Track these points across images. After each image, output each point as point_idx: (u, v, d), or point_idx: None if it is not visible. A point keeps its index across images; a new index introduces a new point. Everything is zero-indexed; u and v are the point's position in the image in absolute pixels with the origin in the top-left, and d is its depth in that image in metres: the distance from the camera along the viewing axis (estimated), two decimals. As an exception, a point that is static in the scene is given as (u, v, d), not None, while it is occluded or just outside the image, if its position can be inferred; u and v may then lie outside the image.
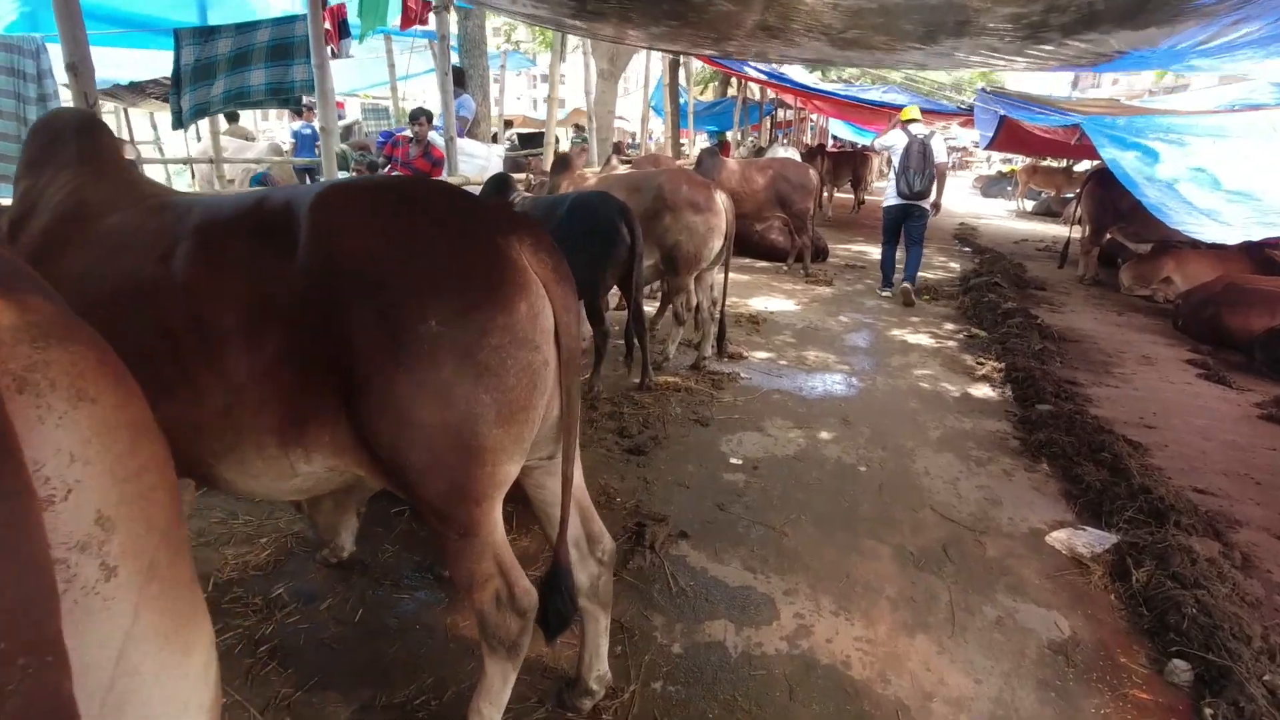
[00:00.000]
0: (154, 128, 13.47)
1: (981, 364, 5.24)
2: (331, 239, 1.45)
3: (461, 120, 6.76)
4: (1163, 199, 3.56)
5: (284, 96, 5.41)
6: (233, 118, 11.91)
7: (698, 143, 22.69)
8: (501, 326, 1.43)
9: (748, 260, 9.01)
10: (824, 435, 3.90)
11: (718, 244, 4.47)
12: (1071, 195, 16.14)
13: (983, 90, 10.38)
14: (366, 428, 1.46)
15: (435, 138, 6.35)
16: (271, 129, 19.52)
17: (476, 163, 6.39)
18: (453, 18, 6.72)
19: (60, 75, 4.48)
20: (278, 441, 1.53)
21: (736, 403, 4.31)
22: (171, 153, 10.64)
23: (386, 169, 6.23)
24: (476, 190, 6.21)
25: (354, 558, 2.58)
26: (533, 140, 15.42)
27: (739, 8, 2.40)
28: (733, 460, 3.56)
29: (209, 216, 1.57)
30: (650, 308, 5.71)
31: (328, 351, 1.44)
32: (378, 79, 9.87)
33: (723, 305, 4.66)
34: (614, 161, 6.18)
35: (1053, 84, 25.22)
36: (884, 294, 7.42)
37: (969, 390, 4.72)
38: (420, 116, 6.30)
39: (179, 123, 4.76)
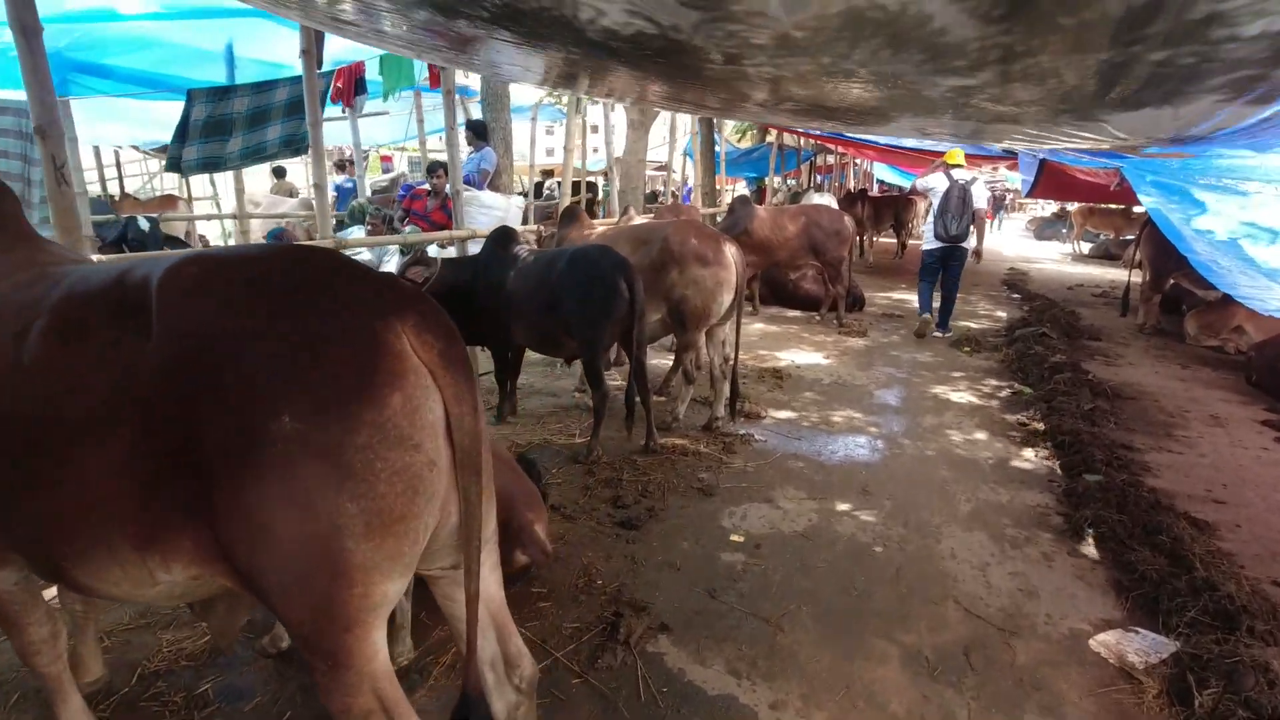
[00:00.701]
0: (212, 184, 14.14)
1: (1025, 425, 4.80)
2: (179, 319, 1.27)
3: (483, 173, 6.77)
4: (1214, 256, 3.08)
5: (296, 146, 5.48)
6: (279, 173, 12.41)
7: (737, 190, 22.70)
8: (370, 423, 1.22)
9: (778, 310, 8.72)
10: (840, 508, 3.55)
11: (727, 298, 4.23)
12: (1131, 237, 15.39)
13: (1028, 132, 9.97)
14: (221, 538, 1.25)
15: (456, 191, 6.34)
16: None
17: (495, 214, 6.34)
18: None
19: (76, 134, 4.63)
20: (133, 546, 1.33)
21: (747, 469, 3.99)
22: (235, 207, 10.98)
23: (405, 222, 6.24)
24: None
25: (294, 648, 2.36)
26: (575, 191, 15.64)
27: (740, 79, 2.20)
28: (733, 537, 3.24)
29: (72, 289, 1.42)
30: (663, 361, 5.49)
31: (179, 448, 1.25)
32: (414, 133, 10.08)
33: (734, 363, 4.39)
34: (631, 213, 6.04)
35: (1109, 124, 24.42)
36: (924, 316, 7.51)
37: (1008, 456, 4.29)
38: (439, 169, 6.31)
39: (176, 168, 4.82)
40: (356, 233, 5.86)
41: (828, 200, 11.40)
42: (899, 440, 4.50)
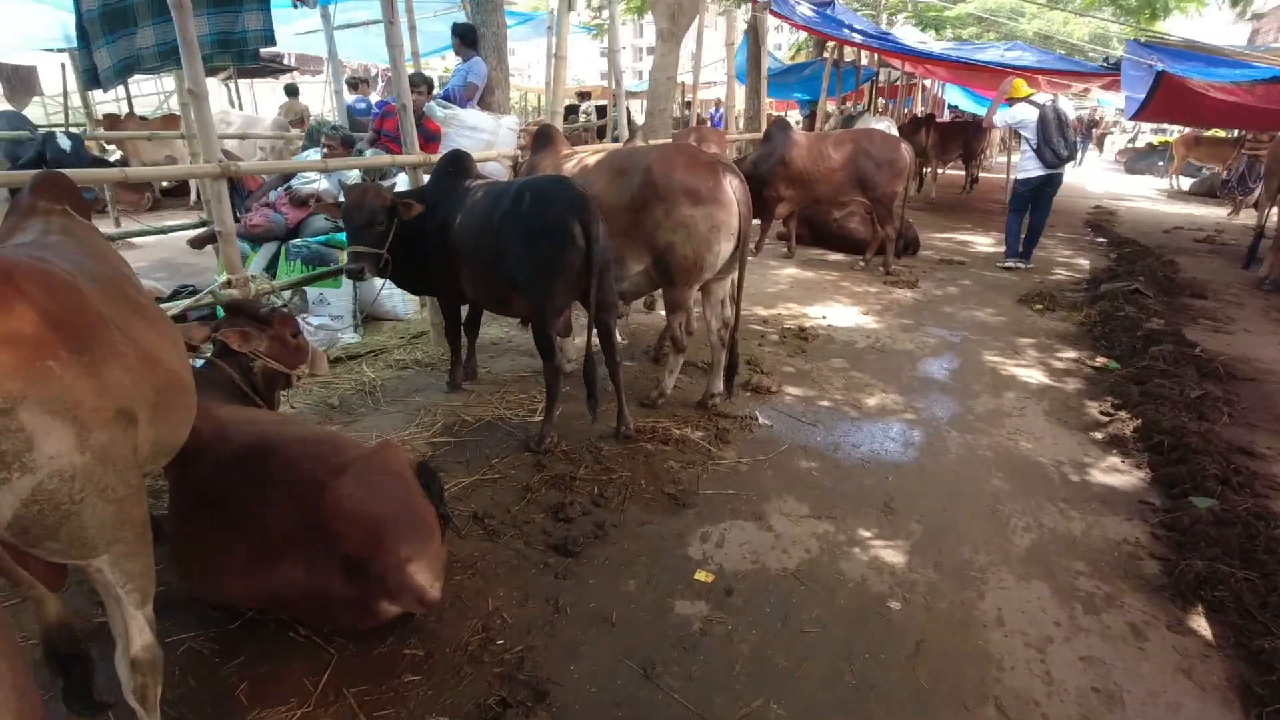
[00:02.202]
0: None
1: (1109, 416, 3.78)
2: None
3: (470, 88, 5.82)
4: None
5: (236, 50, 4.63)
6: (291, 90, 11.59)
7: (789, 115, 20.92)
8: None
9: (819, 253, 7.63)
10: (851, 534, 2.69)
11: (725, 246, 3.28)
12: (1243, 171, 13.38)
13: (1134, 43, 8.39)
14: None
15: (434, 109, 5.44)
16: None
17: (480, 137, 5.42)
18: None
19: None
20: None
21: (739, 467, 3.14)
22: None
23: (374, 146, 5.38)
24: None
25: None
26: (601, 114, 14.37)
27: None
28: (699, 575, 2.43)
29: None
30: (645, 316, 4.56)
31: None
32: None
33: (734, 327, 3.48)
34: (640, 138, 5.04)
35: (1226, 39, 21.46)
36: (1010, 264, 7.23)
37: (1086, 461, 3.32)
38: (418, 84, 5.41)
39: (95, 82, 4.05)
40: (313, 157, 5.05)
41: (887, 125, 9.99)
42: (943, 432, 3.55)
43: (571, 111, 16.44)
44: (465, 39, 5.85)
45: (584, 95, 16.27)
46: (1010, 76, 7.75)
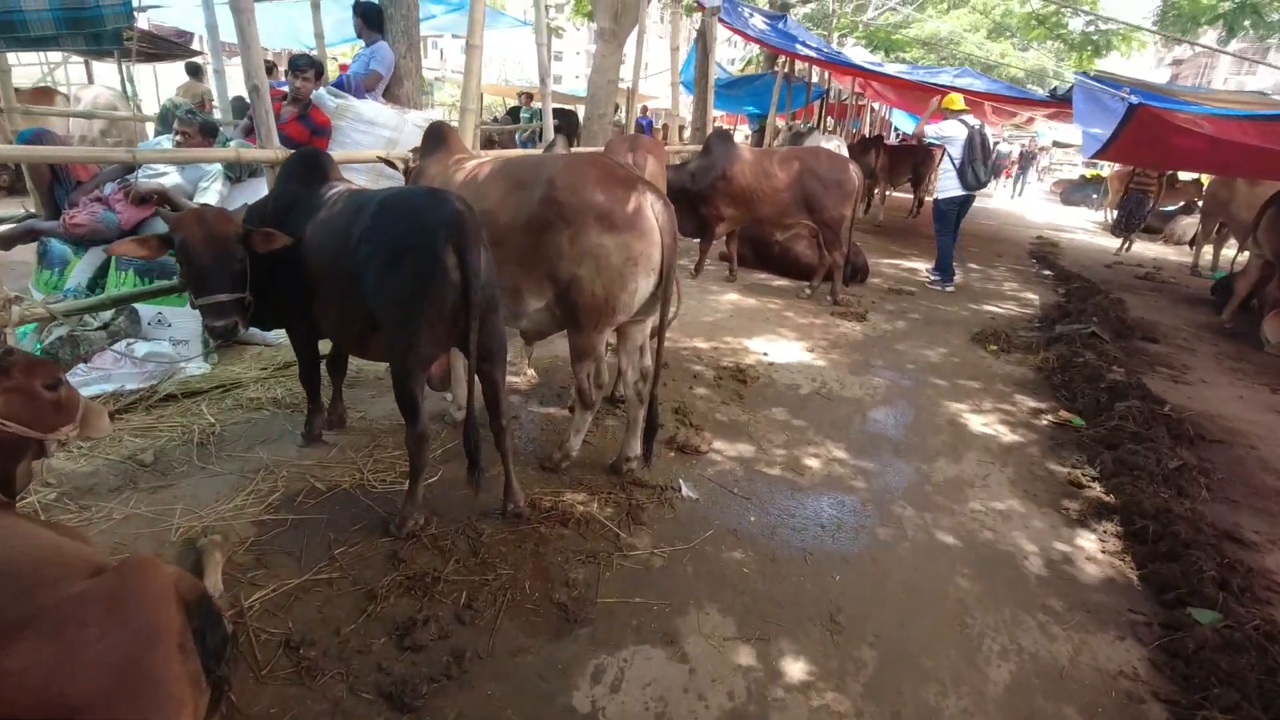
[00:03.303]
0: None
1: (1080, 486, 3.31)
2: None
3: (372, 76, 5.07)
4: None
5: (91, 30, 3.80)
6: (193, 70, 10.46)
7: (738, 130, 20.62)
8: None
9: (763, 278, 7.11)
10: (787, 669, 2.08)
11: (644, 284, 2.66)
12: (1174, 208, 13.63)
13: (1085, 75, 8.21)
14: None
15: (324, 97, 4.67)
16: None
17: (379, 133, 4.70)
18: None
19: None
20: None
21: (652, 561, 2.51)
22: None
23: (248, 136, 4.57)
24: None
25: None
26: (559, 116, 13.66)
27: None
28: (583, 742, 1.78)
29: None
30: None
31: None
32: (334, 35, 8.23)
33: (654, 383, 2.85)
34: (559, 142, 4.39)
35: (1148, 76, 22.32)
36: (948, 289, 7.31)
37: (1063, 550, 2.81)
38: (306, 67, 4.63)
39: None
40: (164, 145, 4.21)
41: (836, 145, 9.63)
42: (897, 509, 3.00)
43: (514, 114, 15.66)
44: (368, 20, 5.09)
45: (527, 96, 15.52)
46: (944, 94, 7.50)
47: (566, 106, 13.45)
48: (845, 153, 9.12)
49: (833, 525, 2.83)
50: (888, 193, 12.66)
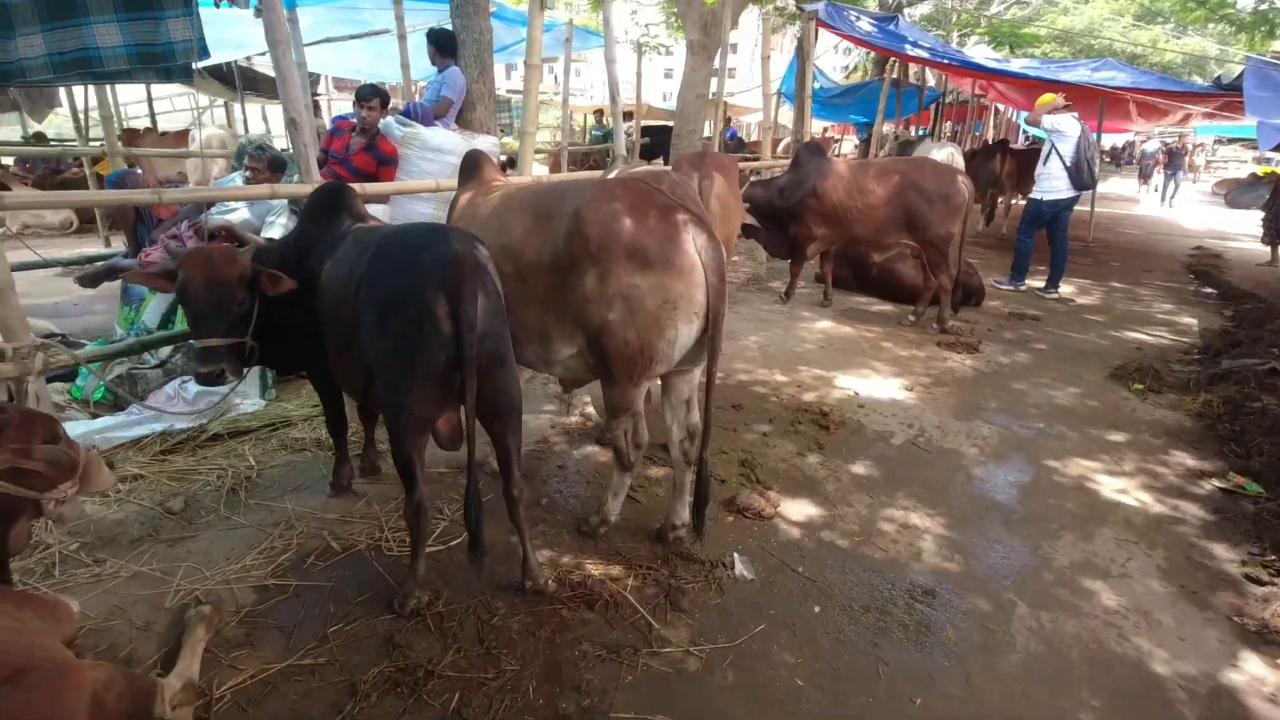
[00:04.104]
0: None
1: (1259, 581, 2.57)
2: None
3: (443, 103, 4.98)
4: None
5: (162, 65, 3.88)
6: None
7: (846, 141, 19.72)
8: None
9: (862, 302, 6.49)
10: (838, 836, 1.61)
11: (686, 331, 2.26)
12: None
13: (1258, 59, 7.02)
14: None
15: (391, 127, 4.61)
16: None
17: (446, 160, 4.56)
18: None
19: None
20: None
21: (685, 664, 2.09)
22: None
23: (323, 170, 4.58)
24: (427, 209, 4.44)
25: None
26: (656, 134, 13.48)
27: None
28: None
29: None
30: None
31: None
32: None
33: (703, 443, 2.43)
34: (618, 162, 4.08)
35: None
36: (1019, 288, 7.09)
37: (1234, 678, 2.13)
38: (371, 97, 4.60)
39: None
40: (237, 181, 4.27)
41: (950, 153, 8.78)
42: (1006, 606, 2.42)
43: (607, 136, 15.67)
44: (442, 47, 5.02)
45: (600, 113, 15.46)
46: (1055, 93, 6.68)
47: (666, 124, 13.22)
48: (959, 162, 8.29)
49: (917, 626, 2.29)
50: (1014, 201, 11.48)
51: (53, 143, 11.49)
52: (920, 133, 12.33)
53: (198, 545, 2.58)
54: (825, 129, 19.69)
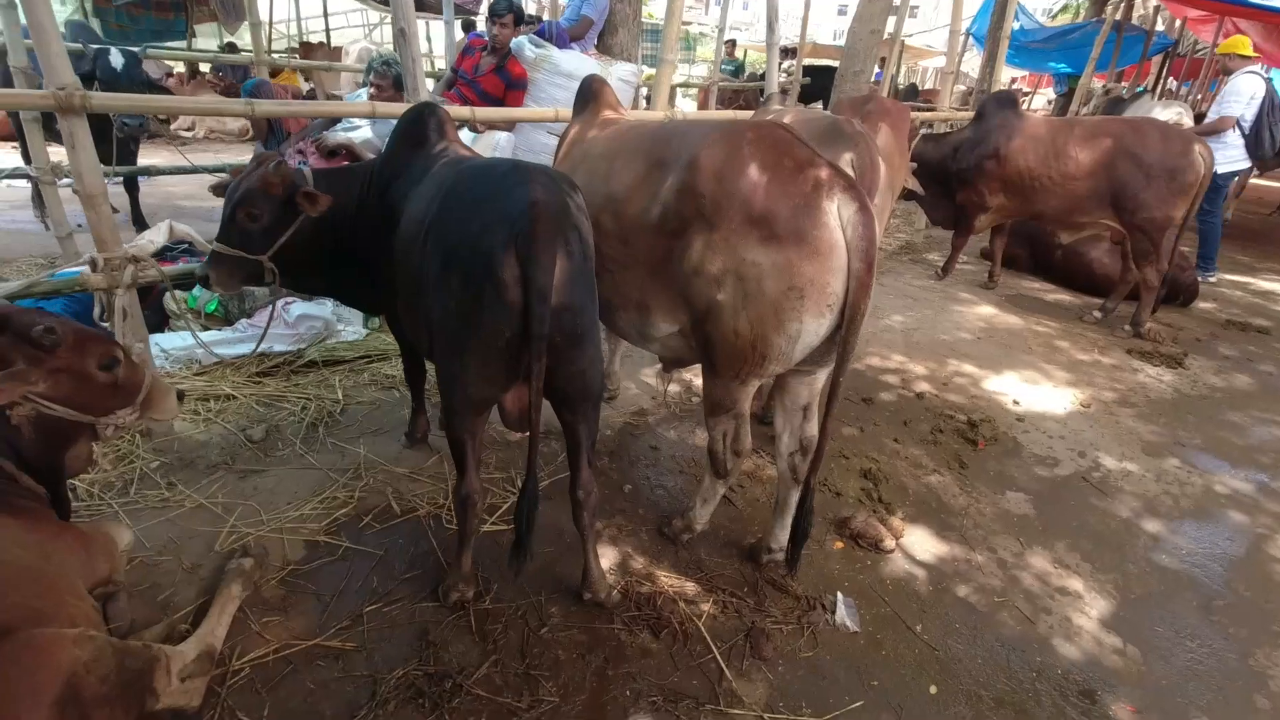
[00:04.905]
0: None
1: None
2: None
3: (583, 22, 4.57)
4: None
5: None
6: (467, 27, 10.98)
7: (1038, 96, 17.32)
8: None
9: (1036, 288, 5.55)
10: None
11: (814, 325, 1.77)
12: None
13: None
14: None
15: (523, 47, 4.27)
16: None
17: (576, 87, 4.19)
18: None
19: None
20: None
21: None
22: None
23: (452, 88, 4.33)
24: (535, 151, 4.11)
25: None
26: (818, 75, 12.34)
27: None
28: None
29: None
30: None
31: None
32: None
33: (815, 461, 1.96)
34: (774, 100, 3.50)
35: None
36: (1209, 279, 5.91)
37: None
38: (505, 13, 4.24)
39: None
40: (362, 97, 4.11)
41: (1176, 115, 7.26)
42: (1194, 733, 1.83)
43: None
44: (584, -40, 4.58)
45: (787, 52, 14.29)
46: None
47: (831, 63, 12.06)
48: (1190, 124, 6.82)
49: (1067, 742, 1.77)
50: (1248, 179, 9.52)
51: (243, 53, 12.23)
52: (1138, 90, 10.40)
53: (265, 482, 2.48)
54: (1014, 79, 17.39)
